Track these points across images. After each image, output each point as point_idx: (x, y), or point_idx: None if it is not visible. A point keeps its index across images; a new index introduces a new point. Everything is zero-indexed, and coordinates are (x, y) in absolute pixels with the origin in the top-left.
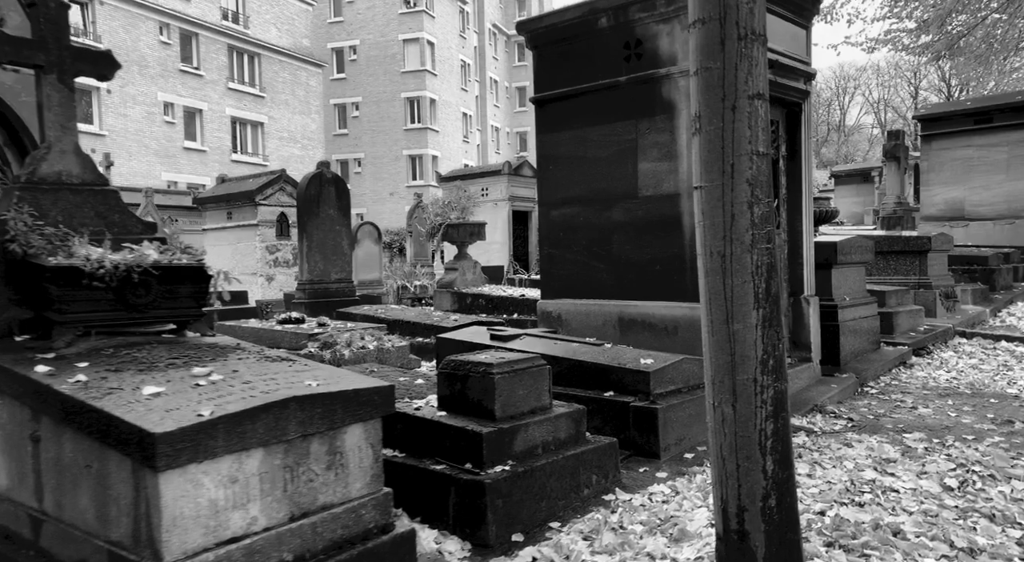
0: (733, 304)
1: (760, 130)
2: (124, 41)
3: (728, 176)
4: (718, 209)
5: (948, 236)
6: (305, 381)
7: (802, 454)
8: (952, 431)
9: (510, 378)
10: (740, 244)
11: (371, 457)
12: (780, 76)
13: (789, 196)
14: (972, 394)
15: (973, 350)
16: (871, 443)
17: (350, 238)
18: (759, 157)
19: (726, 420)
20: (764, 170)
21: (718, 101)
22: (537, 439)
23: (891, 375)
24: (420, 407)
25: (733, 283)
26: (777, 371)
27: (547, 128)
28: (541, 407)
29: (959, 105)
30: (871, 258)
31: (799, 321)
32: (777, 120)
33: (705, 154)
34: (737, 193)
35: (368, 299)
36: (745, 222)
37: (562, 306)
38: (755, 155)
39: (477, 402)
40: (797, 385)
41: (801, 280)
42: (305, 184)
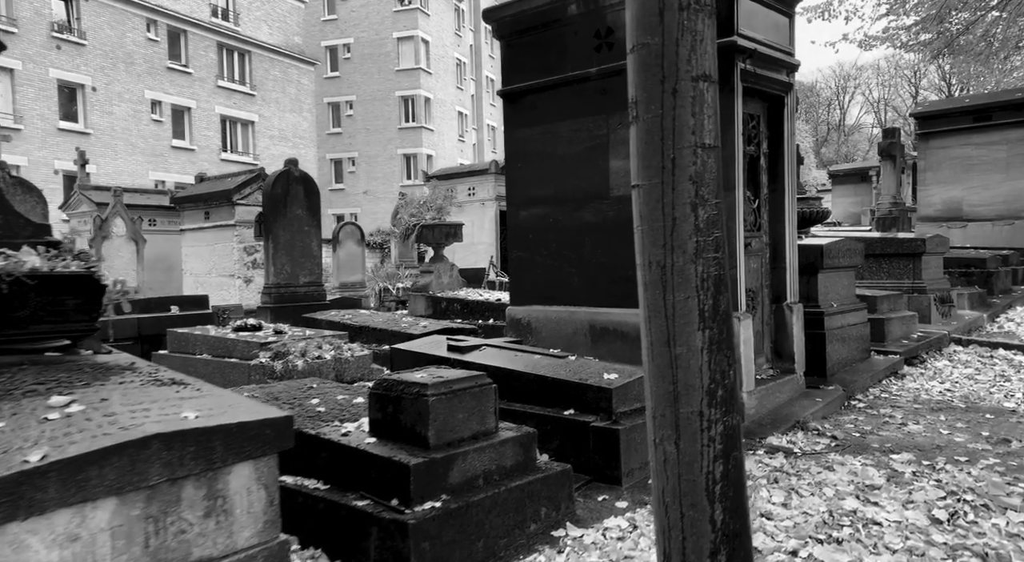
0: (675, 324)
1: (707, 118)
2: (110, 38)
3: (668, 173)
4: (657, 212)
5: (943, 238)
6: (183, 412)
7: (779, 479)
8: (944, 451)
9: (447, 400)
10: (682, 253)
11: (263, 500)
12: (761, 67)
13: (771, 196)
14: (966, 408)
15: (969, 359)
16: (855, 466)
17: (319, 239)
18: (705, 150)
19: (668, 460)
20: (711, 166)
21: (656, 83)
22: (478, 469)
23: (881, 387)
24: (349, 432)
25: (675, 299)
26: (728, 403)
27: (516, 123)
28: (485, 432)
29: (957, 102)
30: (860, 262)
31: (782, 330)
32: (758, 114)
33: (642, 147)
34: (679, 193)
35: (347, 302)
36: (688, 227)
37: (532, 313)
38: (700, 148)
39: (410, 428)
40: (778, 399)
41: (784, 285)
42: (271, 183)
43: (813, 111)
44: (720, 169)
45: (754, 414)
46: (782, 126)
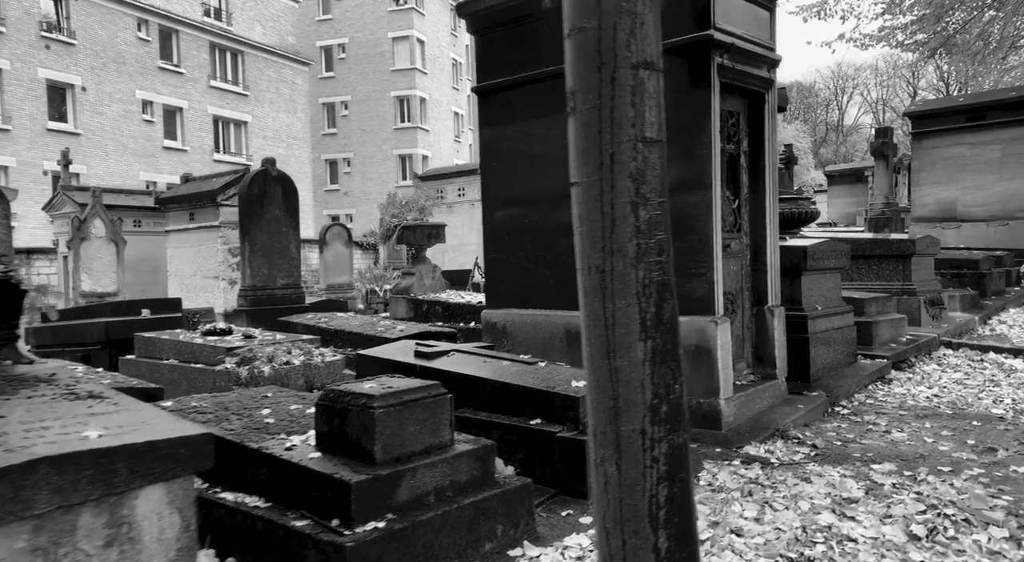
0: (615, 333)
1: (648, 110)
2: (100, 37)
3: (607, 169)
4: (595, 212)
5: (934, 239)
6: (87, 431)
7: (753, 492)
8: (927, 461)
9: (397, 412)
10: (622, 257)
11: (177, 525)
12: (739, 62)
13: (752, 196)
14: (953, 415)
15: (959, 362)
16: (833, 478)
17: (298, 241)
18: (647, 145)
19: (609, 483)
20: (653, 162)
21: (593, 71)
22: (429, 485)
23: (866, 392)
24: (295, 446)
25: (614, 307)
26: (673, 420)
27: (490, 121)
28: (438, 445)
29: (951, 102)
30: (846, 263)
31: (763, 334)
32: (738, 112)
33: (580, 141)
34: (618, 191)
35: (333, 305)
36: (628, 229)
37: (507, 316)
38: (641, 142)
39: (356, 442)
40: (759, 406)
41: (765, 288)
42: (247, 183)
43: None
44: (664, 166)
45: (732, 422)
46: (763, 124)
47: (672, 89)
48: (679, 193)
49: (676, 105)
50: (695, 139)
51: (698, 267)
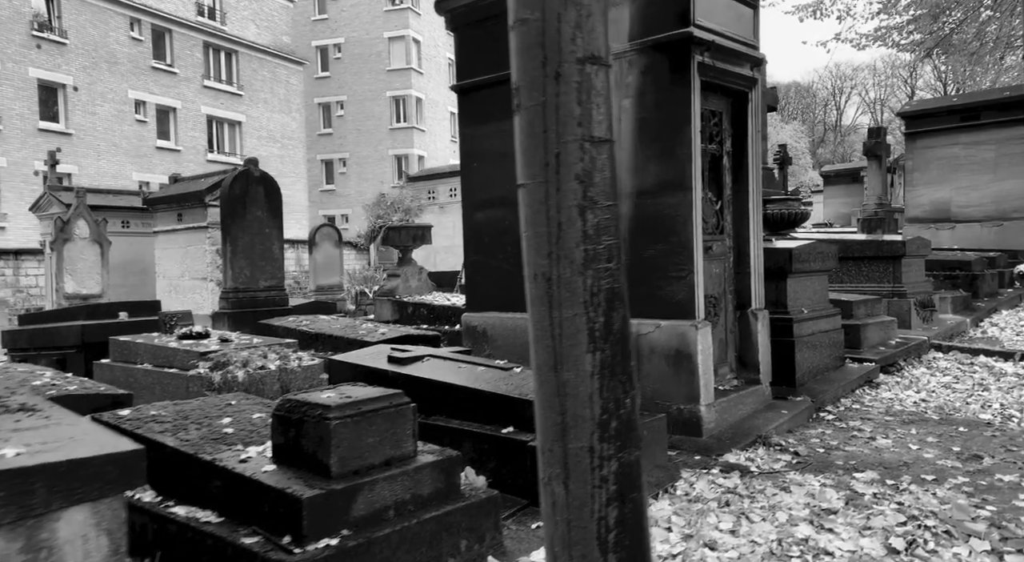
0: (562, 345)
1: (596, 108)
2: (92, 37)
3: (552, 170)
4: (541, 216)
5: (925, 240)
6: (4, 449)
7: (730, 502)
8: (910, 469)
9: (354, 424)
10: (569, 264)
11: (105, 548)
12: (721, 60)
13: (735, 197)
14: (940, 420)
15: (948, 366)
16: (813, 487)
17: (281, 242)
18: (595, 145)
19: (557, 504)
20: (602, 163)
21: (537, 67)
22: (388, 499)
23: (853, 397)
24: (250, 458)
25: (561, 316)
26: (624, 436)
27: (470, 120)
28: (400, 457)
29: (945, 102)
30: (833, 265)
31: (746, 338)
32: (720, 111)
33: (525, 140)
34: (564, 194)
35: (321, 307)
36: (575, 234)
37: (487, 320)
38: (588, 142)
39: (311, 454)
40: (741, 412)
41: (748, 291)
42: (229, 183)
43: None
44: (614, 168)
45: (713, 429)
46: (746, 123)
47: (653, 88)
48: (659, 194)
49: (657, 104)
50: (675, 139)
51: (678, 270)
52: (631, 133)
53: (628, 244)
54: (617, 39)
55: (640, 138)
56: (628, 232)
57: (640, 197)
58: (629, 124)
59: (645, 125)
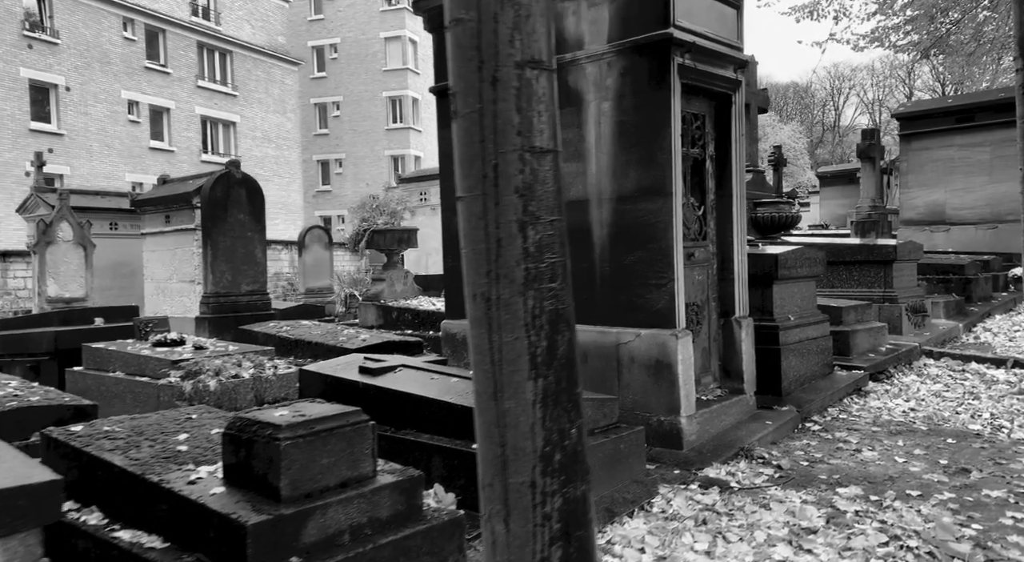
0: (501, 371)
1: (537, 115)
2: (85, 37)
3: (490, 183)
4: (479, 232)
5: (917, 244)
6: None
7: (708, 520)
8: (895, 484)
9: (307, 444)
10: (509, 283)
11: None
12: (702, 62)
13: (719, 202)
14: (928, 431)
15: (939, 373)
16: (794, 504)
17: (264, 245)
18: (536, 156)
19: (497, 543)
20: (545, 175)
21: (473, 70)
22: (343, 523)
23: (841, 406)
24: (200, 479)
25: (501, 340)
26: (569, 469)
27: (448, 122)
28: (358, 478)
29: (940, 103)
30: (821, 271)
31: (730, 346)
32: (703, 114)
33: (462, 150)
34: (503, 208)
35: (309, 310)
36: (515, 251)
37: (467, 328)
38: (529, 152)
39: (261, 477)
40: (724, 423)
41: (733, 298)
42: (210, 185)
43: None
44: (559, 179)
45: (694, 441)
46: (730, 127)
47: (632, 91)
48: (639, 200)
49: (636, 107)
50: (655, 143)
51: (658, 277)
52: (611, 137)
53: (608, 251)
54: (597, 40)
55: (620, 142)
56: (608, 239)
57: (620, 203)
58: (609, 128)
59: (625, 129)
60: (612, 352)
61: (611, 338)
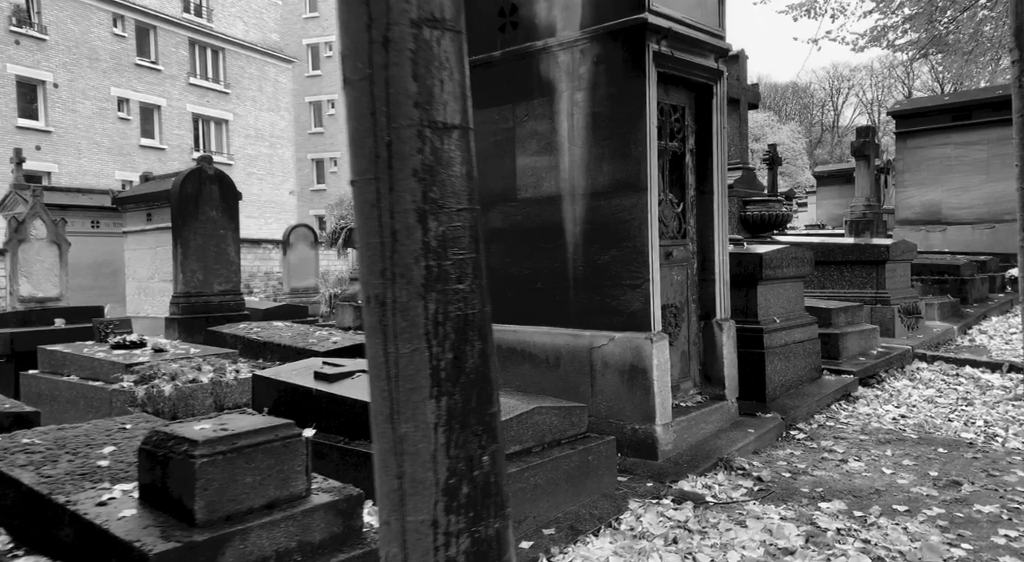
0: (399, 388)
1: (438, 83)
2: (73, 32)
3: (383, 164)
4: (373, 222)
5: (910, 243)
6: None
7: (679, 539)
8: (882, 497)
9: (228, 462)
10: (406, 284)
11: None
12: (680, 50)
13: (699, 198)
14: (918, 440)
15: (932, 377)
16: (772, 521)
17: (237, 244)
18: (440, 132)
19: None
20: (451, 156)
21: (362, 29)
22: (267, 549)
23: (828, 412)
24: (112, 499)
25: (397, 352)
26: (478, 505)
27: None
28: (288, 497)
29: (936, 100)
30: (809, 271)
31: (711, 350)
32: (683, 106)
33: (353, 124)
34: (399, 195)
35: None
36: (414, 246)
37: None
38: (430, 128)
39: (177, 499)
40: (703, 431)
41: (713, 300)
42: (180, 182)
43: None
44: (470, 161)
45: (671, 451)
46: (711, 119)
47: (606, 80)
48: (613, 196)
49: (610, 97)
50: (629, 135)
51: (633, 278)
52: (584, 129)
53: (582, 250)
54: (569, 26)
55: (593, 134)
56: (582, 236)
57: (594, 198)
58: (582, 119)
59: (598, 120)
60: (585, 356)
61: (584, 341)
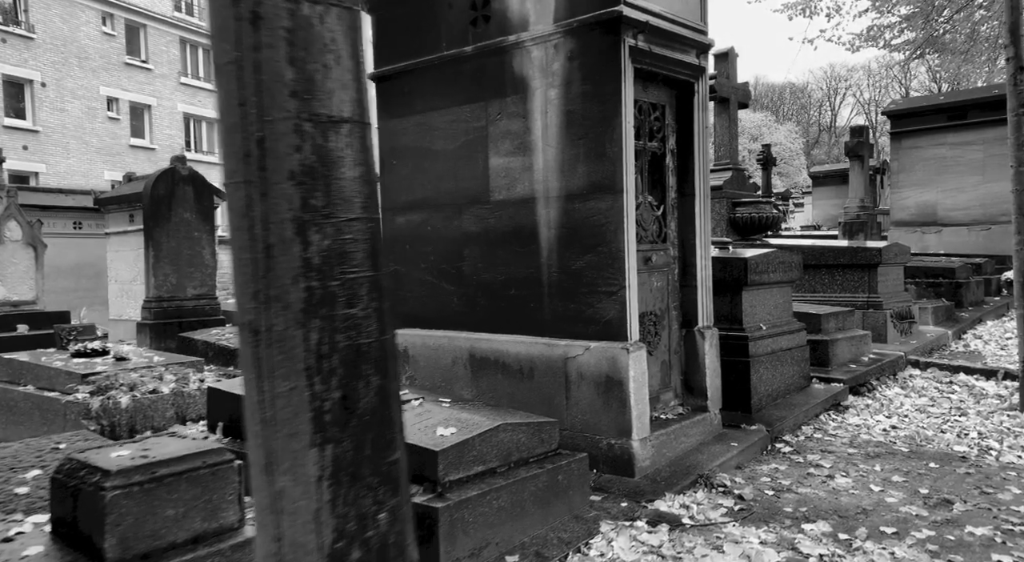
0: (275, 434)
1: (321, 69)
2: (61, 31)
3: (254, 164)
4: (243, 233)
5: (903, 246)
6: None
7: None
8: (869, 518)
9: (144, 493)
10: (283, 308)
11: None
12: (659, 45)
13: (680, 201)
14: (909, 453)
15: (925, 385)
16: (751, 545)
17: (213, 247)
18: (323, 126)
19: None
20: (339, 156)
21: (227, 5)
22: None
23: (816, 423)
24: (21, 534)
25: (273, 390)
26: None
27: (389, 113)
28: (217, 530)
29: (932, 100)
30: (797, 276)
31: (693, 360)
32: (663, 104)
33: (223, 117)
34: (273, 201)
35: None
36: (291, 262)
37: (409, 338)
38: (311, 121)
39: (88, 535)
40: (684, 445)
41: (695, 307)
42: (152, 182)
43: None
44: (367, 162)
45: (648, 467)
46: (693, 118)
47: (580, 76)
48: (588, 198)
49: (585, 95)
50: (605, 135)
51: (609, 284)
52: (558, 128)
53: (556, 255)
54: (543, 20)
55: (568, 134)
56: (556, 241)
57: (569, 201)
58: (556, 118)
59: (573, 119)
60: (560, 367)
61: (559, 351)
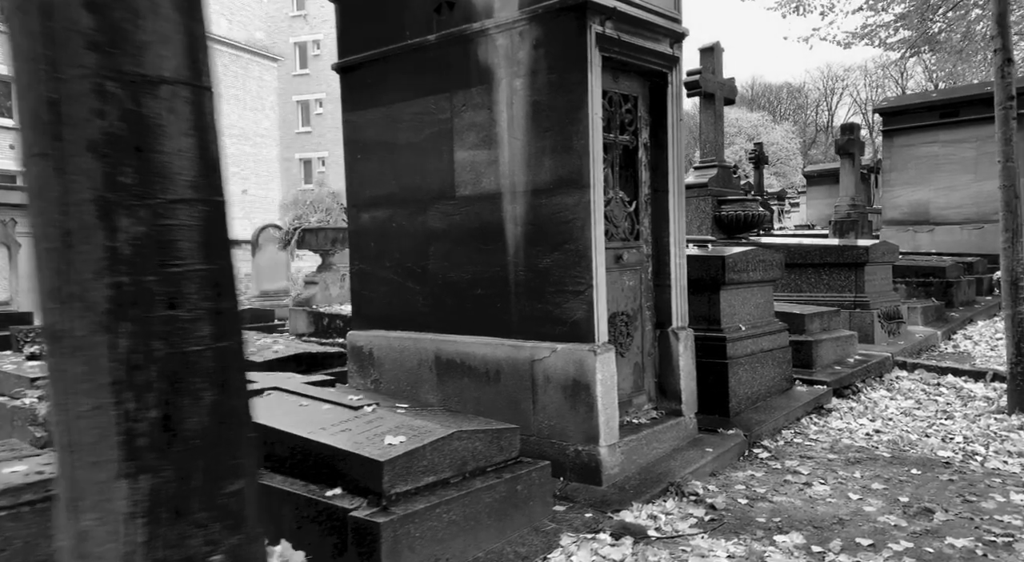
0: (77, 462)
1: (131, 16)
2: None
3: (46, 132)
4: (40, 218)
5: (891, 245)
6: None
7: None
8: (845, 528)
9: (34, 515)
10: (84, 309)
11: None
12: (629, 33)
13: (654, 197)
14: (891, 459)
15: (912, 387)
16: (718, 560)
17: None
18: (135, 87)
19: None
20: (159, 124)
21: None
22: None
23: (797, 427)
24: None
25: (76, 408)
26: None
27: (353, 105)
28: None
29: (924, 97)
30: (778, 275)
31: (667, 362)
32: (635, 95)
33: (16, 77)
34: (71, 177)
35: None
36: (93, 253)
37: (374, 340)
38: (115, 80)
39: None
40: (656, 451)
41: (669, 307)
42: None
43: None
44: (203, 133)
45: (617, 474)
46: (666, 110)
47: (546, 65)
48: (554, 193)
49: (551, 85)
50: (571, 127)
51: (575, 284)
52: (524, 120)
53: (523, 253)
54: (507, 7)
55: (534, 126)
56: (523, 238)
57: (535, 196)
58: (522, 109)
59: (539, 110)
60: (527, 370)
61: (526, 353)
